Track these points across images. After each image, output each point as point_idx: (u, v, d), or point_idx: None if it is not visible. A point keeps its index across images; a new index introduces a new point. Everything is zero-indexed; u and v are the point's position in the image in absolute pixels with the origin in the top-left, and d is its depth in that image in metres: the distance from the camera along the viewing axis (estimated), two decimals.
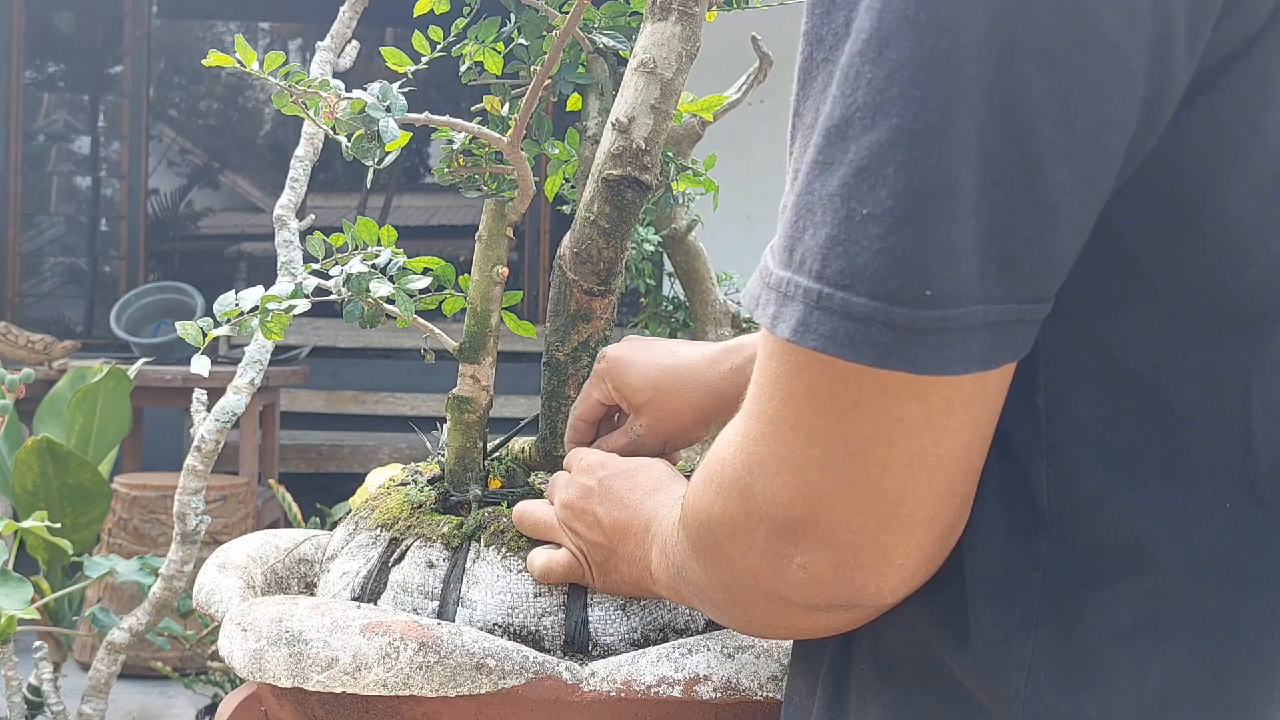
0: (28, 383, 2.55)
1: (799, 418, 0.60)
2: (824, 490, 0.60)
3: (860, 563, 0.61)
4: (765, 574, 0.65)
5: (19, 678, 2.18)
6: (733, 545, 0.66)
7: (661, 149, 1.03)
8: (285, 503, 3.00)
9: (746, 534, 0.65)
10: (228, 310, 0.96)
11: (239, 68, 0.95)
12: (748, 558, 0.65)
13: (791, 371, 0.60)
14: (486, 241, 1.05)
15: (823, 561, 0.62)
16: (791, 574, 0.63)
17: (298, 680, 0.87)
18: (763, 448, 0.62)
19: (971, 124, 0.54)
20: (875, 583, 0.62)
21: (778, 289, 0.59)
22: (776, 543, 0.63)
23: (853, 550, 0.61)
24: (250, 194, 7.31)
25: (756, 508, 0.63)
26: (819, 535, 0.61)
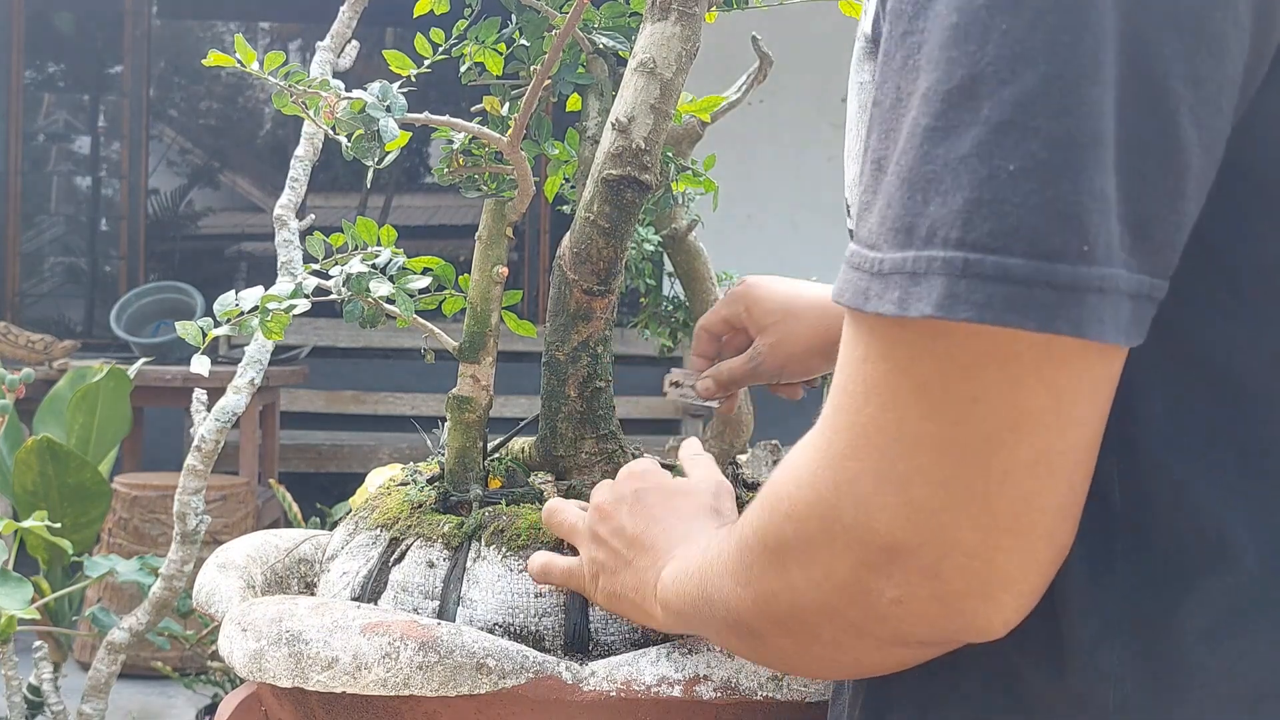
0: (28, 383, 2.55)
1: (904, 423, 0.55)
2: (932, 507, 0.55)
3: (972, 590, 0.56)
4: (845, 609, 0.59)
5: (19, 678, 2.18)
6: (804, 575, 0.60)
7: (661, 149, 1.03)
8: (285, 503, 3.00)
9: (826, 563, 0.59)
10: (228, 310, 0.96)
11: (239, 68, 0.95)
12: (821, 590, 0.59)
13: (896, 370, 0.55)
14: (486, 241, 1.05)
15: (925, 593, 0.56)
16: (882, 609, 0.58)
17: (298, 680, 0.87)
18: (854, 463, 0.57)
19: (1112, 75, 0.52)
20: (987, 613, 0.57)
21: (900, 271, 0.54)
22: (867, 574, 0.57)
23: (965, 576, 0.56)
24: (250, 194, 7.31)
25: (843, 533, 0.57)
26: (923, 562, 0.56)
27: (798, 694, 0.86)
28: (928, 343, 0.54)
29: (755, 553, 0.64)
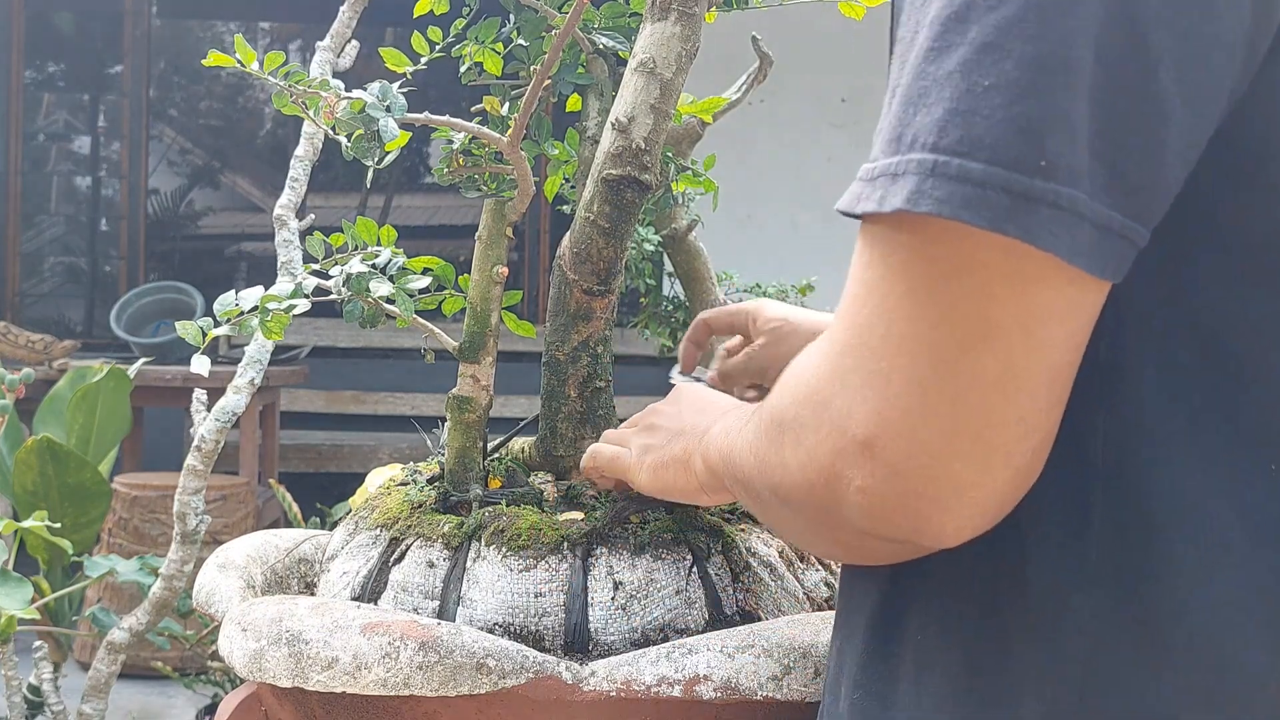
0: (28, 383, 2.55)
1: (891, 323, 0.59)
2: (905, 406, 0.59)
3: (927, 492, 0.59)
4: (820, 491, 0.63)
5: (19, 678, 2.18)
6: (794, 454, 0.65)
7: (661, 149, 1.03)
8: (285, 503, 3.00)
9: (811, 447, 0.63)
10: (228, 310, 0.96)
11: (239, 68, 0.95)
12: (805, 471, 0.64)
13: (890, 274, 0.60)
14: (486, 241, 1.05)
15: (886, 488, 0.60)
16: (849, 497, 0.61)
17: (298, 680, 0.87)
18: (849, 359, 0.61)
19: (1094, 17, 0.56)
20: (939, 518, 0.60)
21: (885, 174, 0.59)
22: (841, 462, 0.61)
23: (924, 477, 0.59)
24: (250, 194, 7.31)
25: (828, 419, 0.62)
26: (889, 457, 0.59)
27: (798, 694, 0.86)
28: (918, 247, 0.59)
29: (765, 427, 0.69)
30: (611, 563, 0.94)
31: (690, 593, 0.94)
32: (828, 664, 0.78)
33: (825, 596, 1.03)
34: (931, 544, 0.62)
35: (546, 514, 0.99)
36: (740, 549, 0.98)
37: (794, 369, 0.67)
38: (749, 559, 0.98)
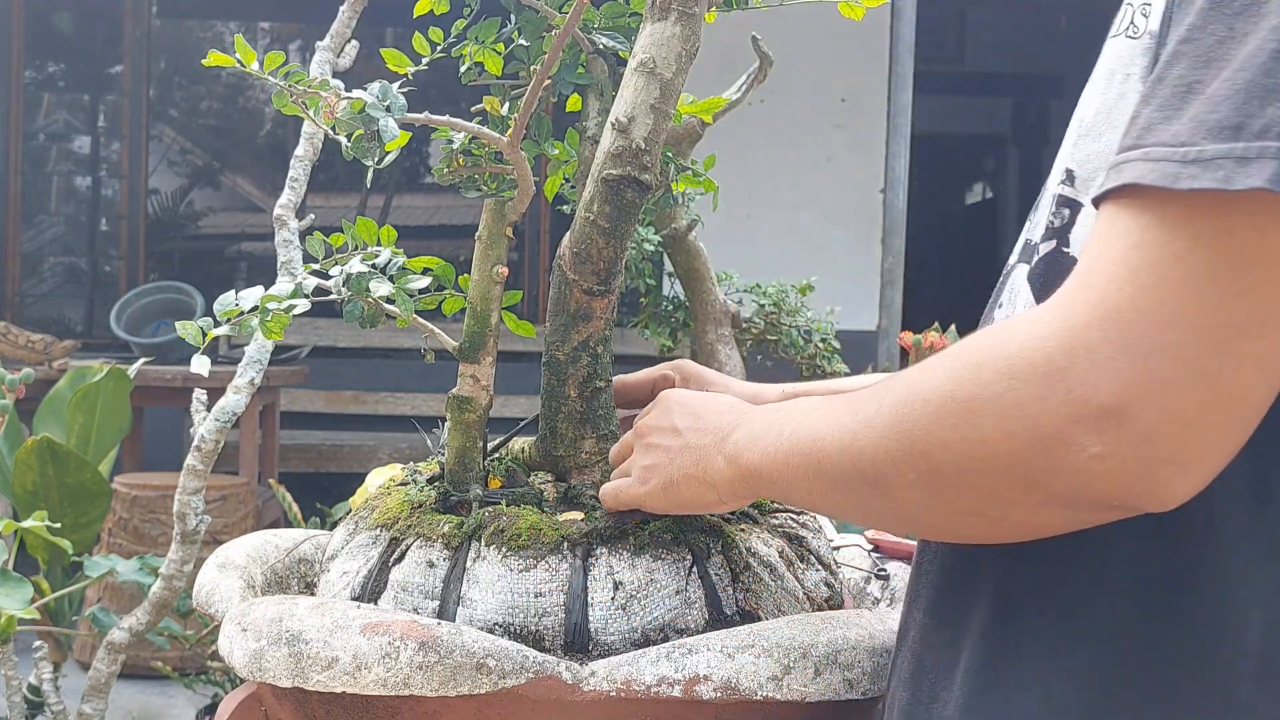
0: (28, 383, 2.55)
1: (1164, 304, 0.62)
2: (1166, 379, 0.62)
3: (1175, 457, 0.63)
4: (1033, 460, 0.65)
5: (19, 678, 2.18)
6: (998, 426, 0.66)
7: (661, 149, 1.03)
8: (285, 503, 3.00)
9: (1033, 417, 0.65)
10: (228, 310, 0.96)
11: (239, 68, 0.95)
12: (1015, 441, 0.66)
13: (1170, 257, 0.63)
14: (486, 241, 1.05)
15: (1131, 453, 0.63)
16: (1078, 463, 0.64)
17: (298, 680, 0.87)
18: (1096, 333, 0.64)
19: None
20: (1177, 482, 0.64)
21: (1228, 157, 0.62)
22: (1075, 429, 0.64)
23: (1174, 444, 0.63)
24: (250, 194, 7.31)
25: (1061, 389, 0.64)
26: (1138, 426, 0.62)
27: (798, 694, 0.86)
28: (1218, 233, 0.63)
29: (930, 407, 0.70)
30: (611, 563, 0.94)
31: (690, 593, 0.94)
32: (905, 660, 0.81)
33: (825, 596, 1.03)
34: (1157, 506, 0.65)
35: (546, 514, 0.99)
36: (740, 549, 0.98)
37: (977, 348, 0.69)
38: (749, 559, 0.98)
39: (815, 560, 1.04)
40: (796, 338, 3.32)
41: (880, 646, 0.91)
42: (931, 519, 0.74)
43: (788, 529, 1.04)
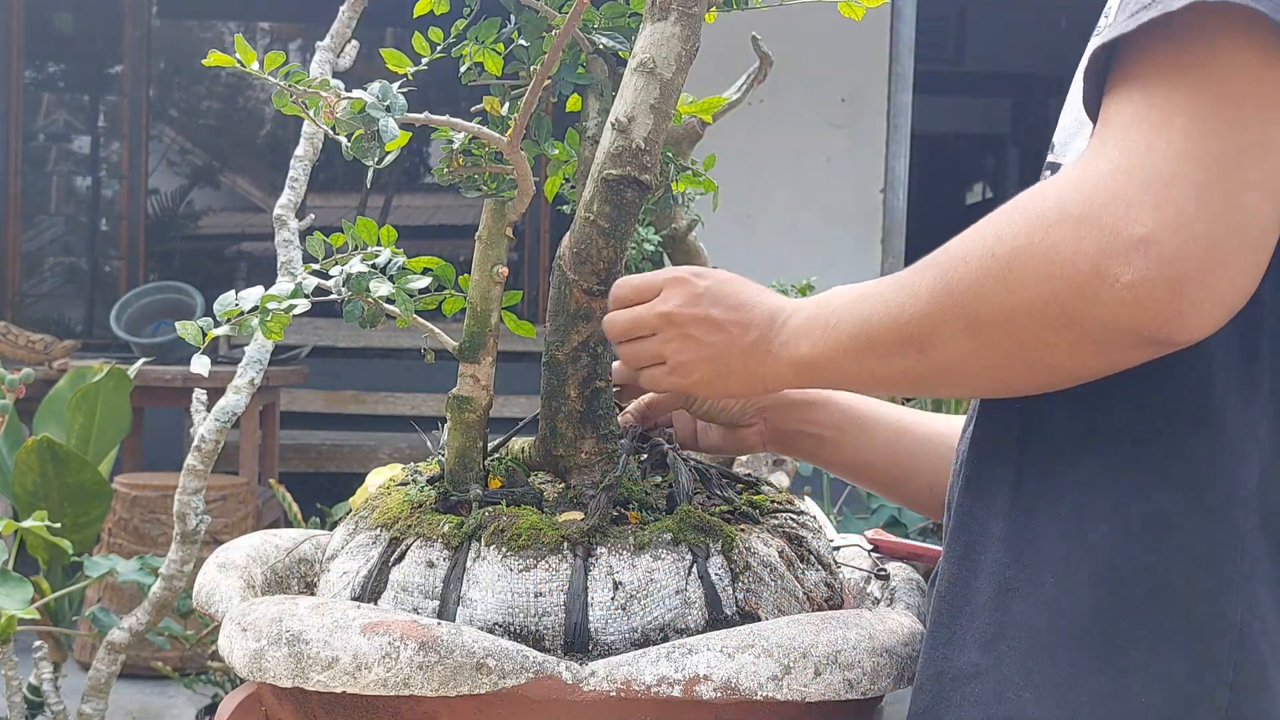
0: (28, 383, 2.55)
1: (1172, 141, 0.71)
2: (1183, 204, 0.70)
3: (1198, 279, 0.70)
4: (1069, 298, 0.72)
5: (19, 678, 2.18)
6: (1037, 271, 0.73)
7: (661, 149, 1.03)
8: (285, 503, 3.00)
9: (1069, 259, 0.72)
10: (228, 310, 0.96)
11: (239, 68, 0.95)
12: (1052, 282, 0.73)
13: (1171, 104, 0.72)
14: (486, 241, 1.05)
15: (1159, 276, 0.70)
16: (1110, 293, 0.71)
17: (298, 680, 0.87)
18: (1122, 175, 0.72)
19: None
20: (1205, 304, 0.70)
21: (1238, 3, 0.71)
22: (1109, 262, 0.71)
23: (1197, 265, 0.70)
24: (250, 194, 7.31)
25: (1093, 229, 0.71)
26: (1164, 251, 0.70)
27: (798, 694, 0.86)
28: (1207, 70, 0.72)
29: (970, 265, 0.78)
30: (611, 563, 0.94)
31: (690, 593, 0.94)
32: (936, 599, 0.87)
33: (825, 596, 1.03)
34: (1185, 335, 0.72)
35: (546, 514, 0.99)
36: (740, 549, 0.98)
37: (1017, 209, 0.76)
38: (749, 559, 0.98)
39: (815, 560, 1.04)
40: None
41: (880, 646, 0.91)
42: (974, 371, 0.81)
43: (788, 529, 1.04)
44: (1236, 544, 0.78)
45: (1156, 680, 0.78)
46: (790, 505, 1.09)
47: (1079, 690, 0.79)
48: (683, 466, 1.05)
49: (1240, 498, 0.79)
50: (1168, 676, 0.78)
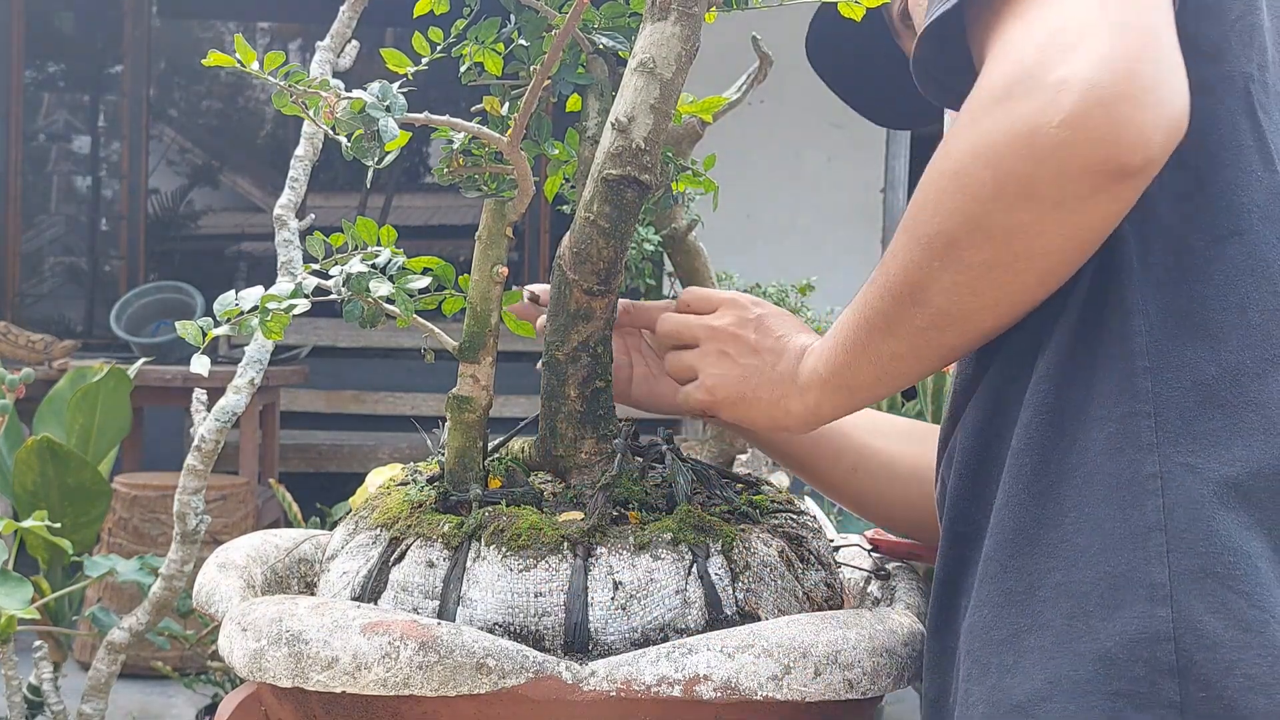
0: (28, 383, 2.55)
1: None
2: (1088, 35, 0.74)
3: (1123, 92, 0.73)
4: (1022, 165, 0.75)
5: (19, 678, 2.18)
6: (987, 157, 0.76)
7: (661, 149, 1.03)
8: (285, 503, 3.00)
9: (1004, 133, 0.75)
10: (228, 310, 0.96)
11: (239, 68, 0.95)
12: (1002, 162, 0.76)
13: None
14: (486, 241, 1.05)
15: (1084, 103, 0.72)
16: (1051, 137, 0.73)
17: (298, 680, 0.87)
18: (1023, 51, 0.76)
19: None
20: (1137, 119, 0.73)
21: None
22: (1036, 116, 0.74)
23: (1117, 82, 0.73)
24: (250, 194, 7.31)
25: (1015, 99, 0.75)
26: (1083, 80, 0.73)
27: (798, 694, 0.86)
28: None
29: (929, 199, 0.81)
30: (611, 562, 0.94)
31: (690, 593, 0.94)
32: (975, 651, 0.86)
33: (825, 596, 1.03)
34: (1137, 151, 0.74)
35: (546, 514, 1.00)
36: (740, 549, 0.98)
37: (947, 141, 0.80)
38: (749, 559, 0.98)
39: (815, 560, 1.04)
40: None
41: (880, 646, 0.91)
42: (967, 299, 0.83)
43: (788, 529, 1.04)
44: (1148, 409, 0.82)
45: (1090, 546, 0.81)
46: (790, 505, 1.09)
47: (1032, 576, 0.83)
48: (682, 467, 1.05)
49: (1139, 369, 0.83)
50: (1101, 537, 0.81)
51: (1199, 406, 0.82)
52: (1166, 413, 0.82)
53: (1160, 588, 0.77)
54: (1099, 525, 0.81)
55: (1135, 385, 0.82)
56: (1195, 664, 0.76)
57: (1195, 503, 0.79)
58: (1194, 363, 0.83)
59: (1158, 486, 0.80)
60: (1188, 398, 0.82)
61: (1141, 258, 0.85)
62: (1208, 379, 0.82)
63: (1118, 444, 0.82)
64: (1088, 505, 0.82)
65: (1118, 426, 0.82)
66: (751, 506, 1.06)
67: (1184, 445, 0.81)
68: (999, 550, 0.85)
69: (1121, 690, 0.77)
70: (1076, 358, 0.85)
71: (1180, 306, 0.84)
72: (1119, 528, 0.80)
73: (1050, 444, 0.85)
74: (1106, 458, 0.82)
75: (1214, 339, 0.83)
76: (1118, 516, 0.80)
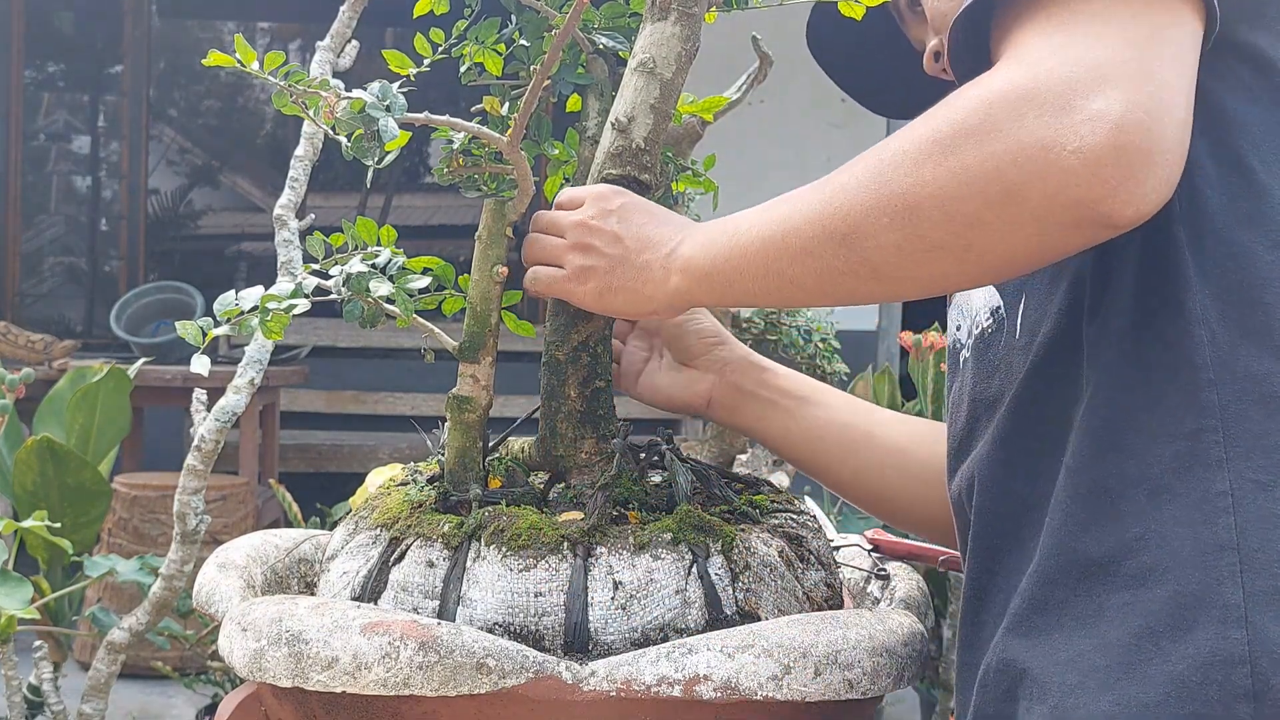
0: (28, 383, 2.55)
1: (1090, 28, 0.76)
2: (1115, 77, 0.74)
3: (1139, 146, 0.72)
4: (1012, 171, 0.74)
5: (19, 678, 2.18)
6: (978, 149, 0.75)
7: (661, 149, 1.03)
8: (285, 503, 3.00)
9: (1013, 132, 0.74)
10: (228, 310, 0.96)
11: (239, 68, 0.95)
12: (996, 159, 0.75)
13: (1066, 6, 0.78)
14: (486, 241, 1.05)
15: (1104, 143, 0.72)
16: (1061, 161, 0.73)
17: (298, 680, 0.87)
18: (1053, 61, 0.75)
19: None
20: (1145, 172, 0.73)
21: None
22: (1054, 133, 0.73)
23: (1136, 133, 0.72)
24: (250, 194, 7.31)
25: (1037, 106, 0.74)
26: (1108, 120, 0.72)
27: (798, 694, 0.86)
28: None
29: (908, 155, 0.79)
30: (611, 562, 0.94)
31: (690, 593, 0.94)
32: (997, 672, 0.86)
33: (825, 596, 1.03)
34: (1131, 208, 0.74)
35: (546, 514, 0.99)
36: (740, 549, 0.98)
37: (951, 102, 0.79)
38: (749, 559, 0.98)
39: (815, 560, 1.04)
40: (796, 337, 3.33)
41: (880, 646, 0.91)
42: (899, 262, 0.81)
43: (788, 529, 1.04)
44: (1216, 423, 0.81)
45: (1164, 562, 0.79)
46: (790, 505, 1.09)
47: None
48: (682, 467, 1.05)
49: (1203, 381, 0.81)
50: (1175, 557, 0.79)
51: (1268, 420, 0.80)
52: (1235, 428, 0.80)
53: (1234, 609, 0.76)
54: (1167, 544, 0.79)
55: (1201, 399, 0.81)
56: (1271, 688, 0.74)
57: (1268, 521, 0.77)
58: (1261, 374, 0.80)
59: (1229, 504, 0.78)
60: (1256, 411, 0.80)
61: (1198, 263, 0.83)
62: (1277, 391, 0.80)
63: (1186, 461, 0.80)
64: (1155, 523, 0.80)
65: (1187, 444, 0.80)
66: (751, 506, 1.06)
67: (1255, 461, 0.79)
68: (1060, 571, 0.83)
69: (1195, 713, 0.75)
70: (1135, 371, 0.83)
71: (1242, 316, 0.82)
72: (1188, 546, 0.78)
73: (1112, 461, 0.83)
74: (1174, 475, 0.80)
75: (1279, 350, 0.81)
76: (1187, 535, 0.78)
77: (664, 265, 0.95)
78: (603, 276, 0.99)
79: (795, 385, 1.19)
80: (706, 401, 1.19)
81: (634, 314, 1.00)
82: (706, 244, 0.93)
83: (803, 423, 1.18)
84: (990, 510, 0.93)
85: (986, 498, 0.93)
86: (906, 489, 1.18)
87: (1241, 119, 0.83)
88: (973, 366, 1.00)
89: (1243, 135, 0.82)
